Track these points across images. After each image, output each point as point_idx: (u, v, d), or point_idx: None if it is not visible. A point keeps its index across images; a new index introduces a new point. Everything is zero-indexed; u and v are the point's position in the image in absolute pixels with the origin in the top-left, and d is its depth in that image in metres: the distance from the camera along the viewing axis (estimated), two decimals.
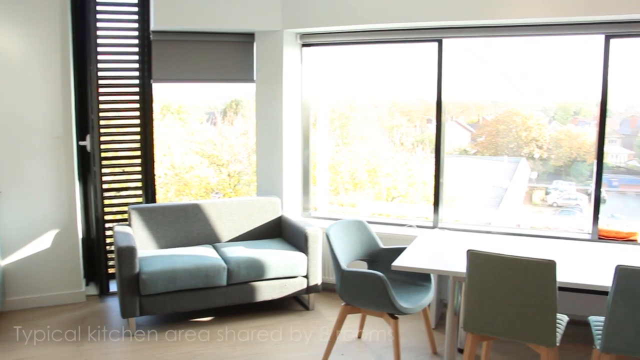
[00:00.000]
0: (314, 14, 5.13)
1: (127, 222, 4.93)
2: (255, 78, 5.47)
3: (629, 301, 2.92)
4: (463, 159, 5.86)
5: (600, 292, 3.17)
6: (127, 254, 4.24)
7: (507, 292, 3.08)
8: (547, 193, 5.66)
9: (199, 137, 8.26)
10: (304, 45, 5.48)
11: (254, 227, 5.19)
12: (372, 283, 3.61)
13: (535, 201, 5.71)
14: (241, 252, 4.70)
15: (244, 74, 5.52)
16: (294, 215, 5.38)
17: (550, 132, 5.56)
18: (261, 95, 5.46)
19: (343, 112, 6.14)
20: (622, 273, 2.91)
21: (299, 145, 5.58)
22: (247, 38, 5.44)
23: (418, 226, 5.17)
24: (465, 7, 4.63)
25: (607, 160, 5.34)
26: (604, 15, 4.35)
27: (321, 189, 5.86)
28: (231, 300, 4.57)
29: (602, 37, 4.54)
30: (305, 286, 4.78)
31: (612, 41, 4.51)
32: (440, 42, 4.96)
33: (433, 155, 5.18)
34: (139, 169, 5.33)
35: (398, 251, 3.92)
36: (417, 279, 4.05)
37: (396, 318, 3.68)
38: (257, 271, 4.57)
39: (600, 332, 3.12)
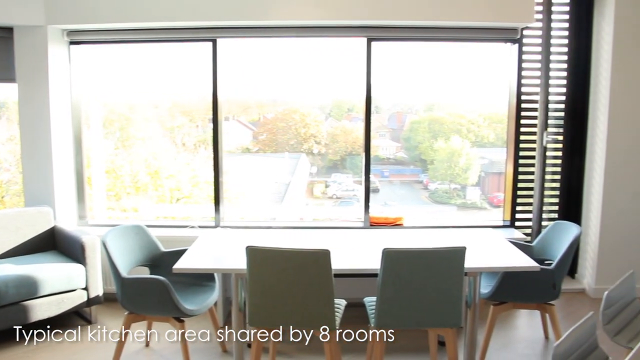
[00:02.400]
0: (82, 10, 4.83)
1: None
2: (16, 78, 4.99)
3: (395, 280, 3.20)
4: (246, 157, 5.96)
5: (373, 275, 3.40)
6: None
7: (287, 283, 3.19)
8: (327, 186, 5.98)
9: None
10: (72, 42, 5.13)
11: (23, 241, 4.73)
12: (155, 288, 3.53)
13: (317, 194, 6.00)
14: (8, 270, 4.26)
15: (2, 73, 5.00)
16: (69, 224, 5.05)
17: (327, 128, 5.88)
18: (24, 97, 4.99)
19: (122, 114, 5.87)
20: (388, 255, 3.18)
21: (70, 149, 5.23)
22: (5, 33, 4.92)
23: (200, 226, 5.15)
24: (238, 8, 4.72)
25: (378, 152, 5.81)
26: (366, 20, 4.74)
27: (98, 195, 5.55)
28: (1, 324, 4.12)
29: (364, 40, 4.93)
30: (85, 299, 4.49)
31: (373, 44, 4.94)
32: (214, 41, 4.99)
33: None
34: None
35: (179, 253, 3.83)
36: (201, 279, 4.04)
37: (182, 321, 3.64)
38: (28, 289, 4.19)
39: (373, 310, 3.38)
